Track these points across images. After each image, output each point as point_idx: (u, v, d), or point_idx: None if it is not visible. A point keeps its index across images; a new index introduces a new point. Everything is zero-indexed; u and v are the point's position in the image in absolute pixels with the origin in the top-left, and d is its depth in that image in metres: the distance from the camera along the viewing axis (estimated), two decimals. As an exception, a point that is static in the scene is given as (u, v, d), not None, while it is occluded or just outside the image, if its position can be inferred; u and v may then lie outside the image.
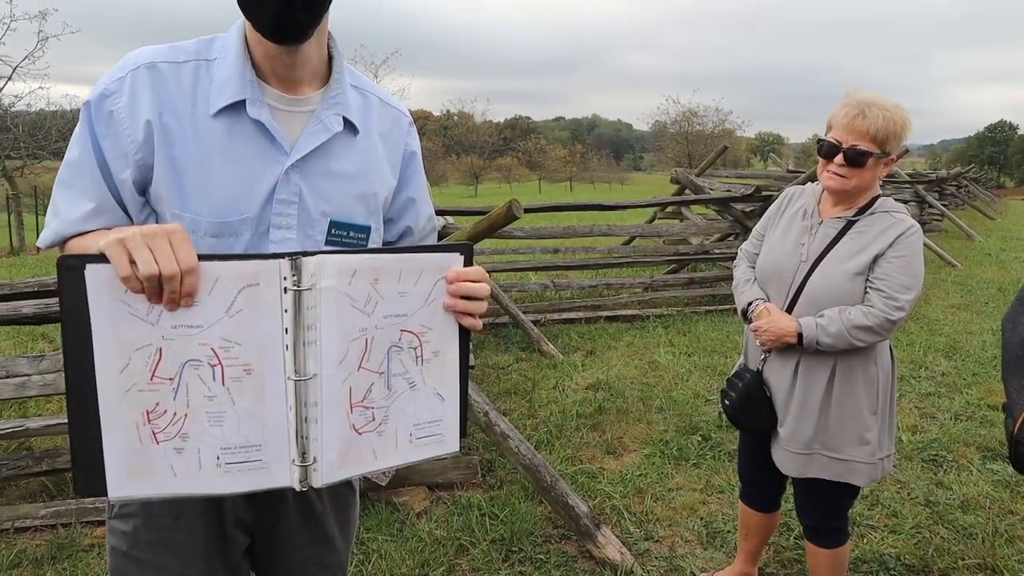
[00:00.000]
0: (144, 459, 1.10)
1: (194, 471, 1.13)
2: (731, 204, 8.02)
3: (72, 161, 1.28)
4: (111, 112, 1.25)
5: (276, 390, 1.15)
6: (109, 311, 1.05)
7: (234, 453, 1.15)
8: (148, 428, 1.10)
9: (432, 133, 76.14)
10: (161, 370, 1.09)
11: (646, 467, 3.93)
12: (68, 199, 1.27)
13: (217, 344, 1.11)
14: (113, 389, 1.07)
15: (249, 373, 1.13)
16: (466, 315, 1.28)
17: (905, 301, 2.15)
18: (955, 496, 3.61)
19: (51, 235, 1.29)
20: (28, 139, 20.97)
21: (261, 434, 1.15)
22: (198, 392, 1.12)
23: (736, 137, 54.17)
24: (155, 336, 1.08)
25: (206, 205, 1.26)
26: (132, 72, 1.27)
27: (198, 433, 1.13)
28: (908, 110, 2.19)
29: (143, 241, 1.04)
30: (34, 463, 3.43)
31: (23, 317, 3.23)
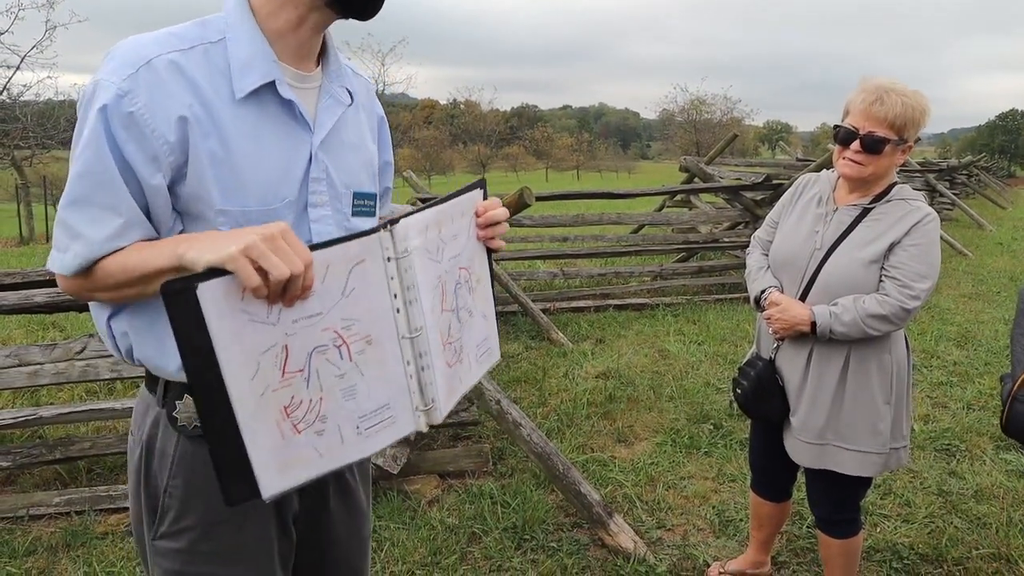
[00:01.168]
0: (290, 452, 1.11)
1: (337, 446, 1.18)
2: (741, 192, 7.97)
3: (88, 173, 1.14)
4: (130, 113, 1.14)
5: (394, 351, 1.22)
6: (230, 325, 1.02)
7: (370, 418, 1.21)
8: (288, 422, 1.11)
9: (439, 122, 75.96)
10: (290, 365, 1.10)
11: (657, 455, 3.93)
12: (89, 217, 1.15)
13: (339, 326, 1.15)
14: (248, 399, 1.05)
15: (370, 343, 1.19)
16: (492, 239, 1.41)
17: (921, 290, 2.12)
18: (968, 486, 3.59)
19: (76, 260, 1.16)
20: (37, 128, 21.01)
21: (387, 393, 1.23)
22: (329, 374, 1.15)
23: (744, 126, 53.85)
24: (278, 335, 1.08)
25: (251, 195, 1.23)
26: (144, 67, 1.16)
27: (335, 411, 1.17)
28: (927, 96, 2.15)
29: (265, 246, 1.00)
30: (47, 451, 3.45)
31: (35, 306, 3.23)
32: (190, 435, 1.29)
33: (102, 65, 1.18)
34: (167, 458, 1.31)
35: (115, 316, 1.29)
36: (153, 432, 1.32)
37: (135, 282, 1.16)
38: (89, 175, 1.15)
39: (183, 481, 1.31)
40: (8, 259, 13.00)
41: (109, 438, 3.57)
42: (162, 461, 1.32)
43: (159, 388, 1.31)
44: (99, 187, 1.15)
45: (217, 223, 1.21)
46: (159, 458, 1.32)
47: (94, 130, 1.14)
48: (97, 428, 4.11)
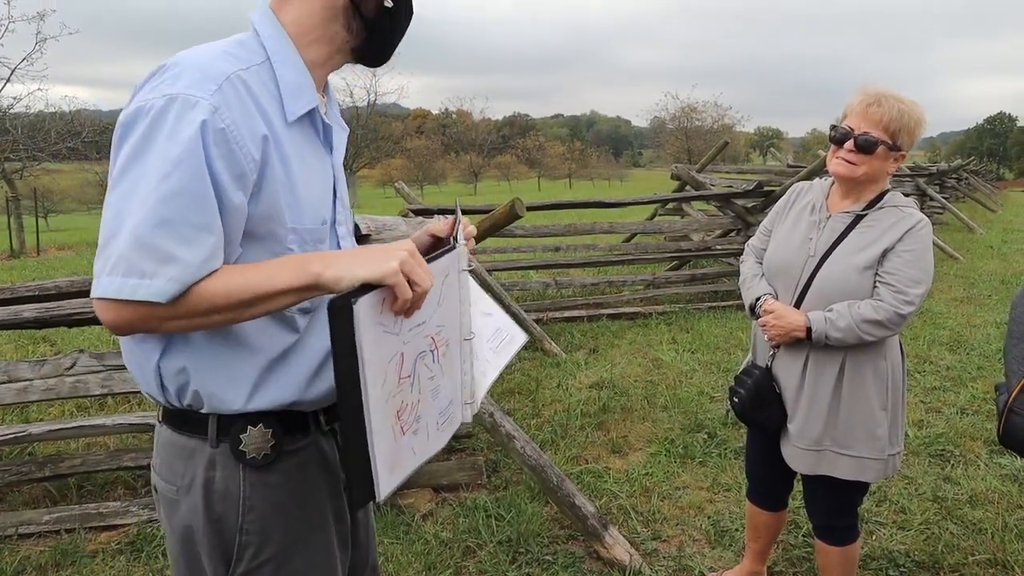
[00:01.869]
0: (397, 453, 1.18)
1: (425, 443, 1.27)
2: (732, 200, 8.00)
3: (183, 192, 1.08)
4: (222, 129, 1.12)
5: (457, 353, 1.35)
6: (373, 336, 1.08)
7: (444, 414, 1.32)
8: (399, 426, 1.19)
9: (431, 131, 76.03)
10: (403, 371, 1.18)
11: (652, 466, 3.91)
12: (183, 238, 1.09)
13: (434, 332, 1.26)
14: (379, 404, 1.12)
15: (448, 346, 1.31)
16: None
17: (915, 295, 2.13)
18: (963, 491, 3.59)
19: (173, 285, 1.08)
20: (27, 141, 20.92)
21: (453, 390, 1.35)
22: (425, 377, 1.24)
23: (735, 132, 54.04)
24: (399, 344, 1.16)
25: (306, 214, 1.27)
26: (226, 82, 1.15)
27: (427, 411, 1.26)
28: (924, 109, 2.17)
29: (415, 262, 1.11)
30: (37, 469, 3.42)
31: (24, 321, 3.20)
32: (259, 465, 1.28)
33: (165, 78, 1.14)
34: (233, 497, 1.28)
35: (168, 354, 1.24)
36: (209, 475, 1.28)
37: (239, 305, 1.13)
38: (185, 194, 1.09)
39: (259, 514, 1.30)
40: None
41: (99, 454, 3.54)
42: (227, 502, 1.28)
43: (211, 427, 1.27)
44: (194, 206, 1.10)
45: (287, 242, 1.23)
46: (222, 500, 1.28)
47: (190, 146, 1.09)
48: (88, 444, 4.07)
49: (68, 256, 17.26)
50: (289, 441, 1.32)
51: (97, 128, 23.61)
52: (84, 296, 3.27)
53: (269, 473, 1.30)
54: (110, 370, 3.49)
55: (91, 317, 3.17)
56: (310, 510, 1.36)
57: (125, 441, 4.09)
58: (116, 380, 3.44)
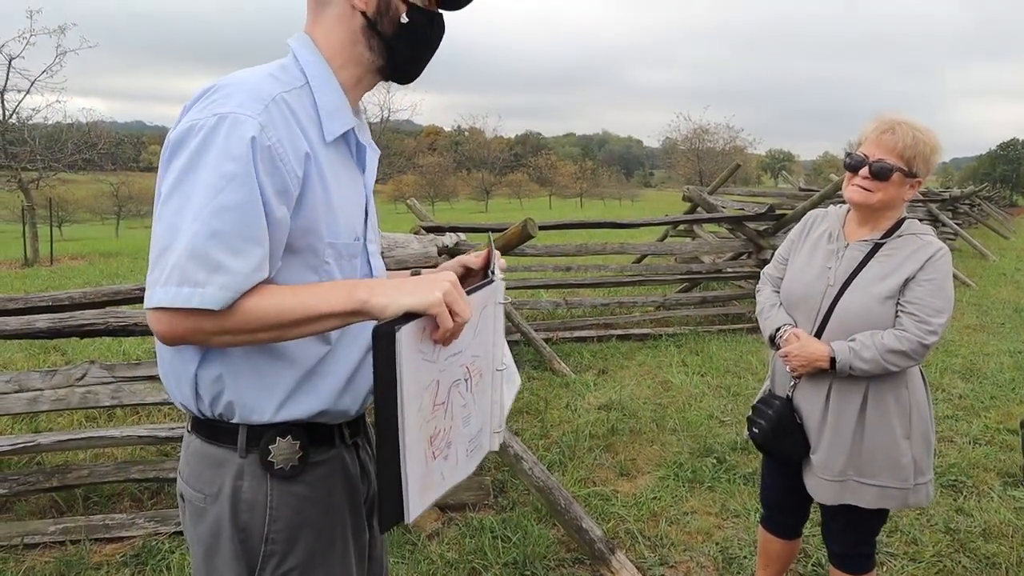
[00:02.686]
0: (428, 477, 1.21)
1: (453, 468, 1.29)
2: (744, 223, 7.98)
3: (234, 205, 1.14)
4: (269, 147, 1.18)
5: (489, 382, 1.38)
6: (412, 363, 1.12)
7: (473, 441, 1.35)
8: (431, 450, 1.22)
9: (443, 148, 76.48)
10: (438, 398, 1.22)
11: (660, 490, 3.88)
12: (233, 249, 1.13)
13: (469, 361, 1.29)
14: (415, 429, 1.15)
15: (481, 376, 1.34)
16: None
17: (938, 325, 2.13)
18: (976, 523, 3.54)
19: (225, 293, 1.13)
20: (44, 152, 21.15)
21: (482, 419, 1.38)
22: (458, 404, 1.28)
23: (747, 154, 54.08)
24: (436, 372, 1.19)
25: (343, 231, 1.32)
26: (272, 103, 1.21)
27: (457, 437, 1.29)
28: (938, 136, 2.17)
29: (457, 293, 1.15)
30: (44, 479, 3.42)
31: (37, 331, 3.22)
32: (287, 476, 1.32)
33: (216, 99, 1.19)
34: (260, 506, 1.31)
35: (206, 363, 1.28)
36: (237, 484, 1.31)
37: (287, 324, 1.18)
38: (236, 207, 1.14)
39: (285, 524, 1.32)
40: (12, 281, 13.02)
41: (107, 466, 3.54)
42: (254, 511, 1.31)
43: (241, 437, 1.30)
44: (244, 219, 1.15)
45: (325, 256, 1.29)
46: (249, 509, 1.31)
47: (242, 162, 1.15)
48: (95, 455, 4.08)
49: (81, 265, 17.38)
50: (315, 452, 1.35)
51: (112, 140, 23.88)
52: (96, 307, 3.29)
53: (295, 484, 1.33)
54: (120, 381, 3.51)
55: (102, 328, 3.18)
56: (333, 522, 1.38)
57: (133, 453, 4.09)
58: (126, 392, 3.45)
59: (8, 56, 20.12)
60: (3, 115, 20.83)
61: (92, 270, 15.14)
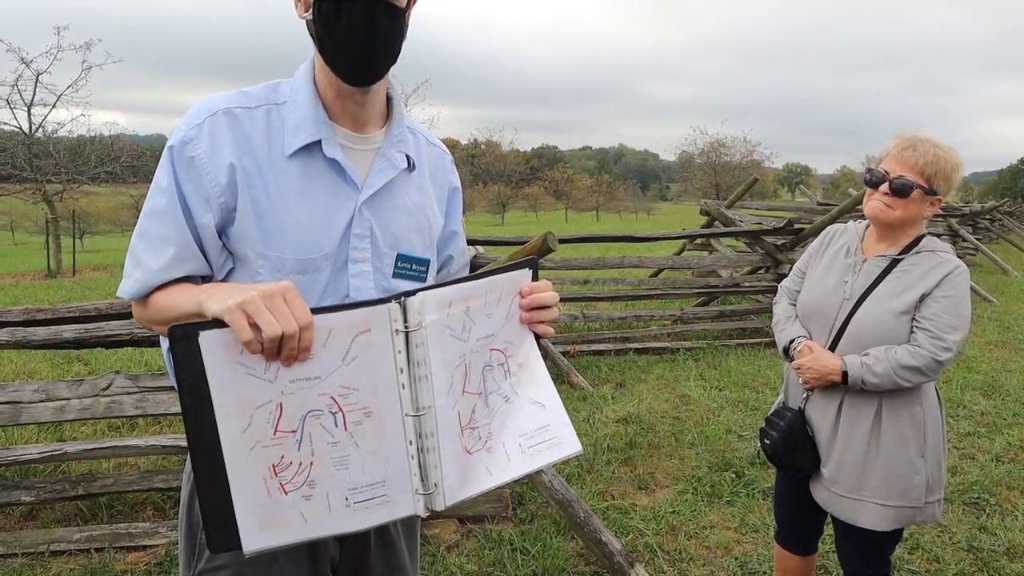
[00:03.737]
0: (274, 511, 1.12)
1: (324, 514, 1.16)
2: (762, 237, 7.97)
3: (154, 209, 1.29)
4: (192, 158, 1.27)
5: (395, 427, 1.19)
6: (227, 374, 1.06)
7: (361, 492, 1.18)
8: (276, 481, 1.12)
9: (460, 162, 76.55)
10: (283, 424, 1.12)
11: (679, 504, 3.87)
12: (150, 248, 1.28)
13: (336, 392, 1.14)
14: (238, 449, 1.08)
15: (369, 415, 1.17)
16: (540, 323, 1.35)
17: (953, 342, 2.11)
18: (1000, 542, 3.50)
19: (136, 286, 1.29)
20: (69, 164, 21.50)
21: (384, 470, 1.19)
22: (321, 440, 1.15)
23: (764, 168, 53.91)
24: (274, 392, 1.10)
25: (289, 243, 1.30)
26: (210, 118, 1.29)
27: (325, 479, 1.15)
28: (961, 155, 2.17)
29: (262, 303, 1.05)
30: (70, 487, 3.46)
31: (63, 341, 3.29)
32: None
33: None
34: None
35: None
36: None
37: (169, 321, 1.21)
38: (157, 211, 1.28)
39: None
40: (36, 292, 13.21)
41: (131, 475, 3.58)
42: None
43: None
44: (160, 220, 1.28)
45: (257, 265, 1.30)
46: None
47: (163, 171, 1.29)
48: (119, 464, 4.13)
49: (102, 277, 17.60)
50: None
51: (135, 153, 24.21)
52: (122, 318, 3.34)
53: None
54: (144, 391, 3.55)
55: (127, 339, 3.24)
56: None
57: (156, 463, 4.14)
58: (150, 401, 3.50)
59: (36, 71, 20.53)
60: (30, 129, 21.21)
61: (113, 281, 15.33)
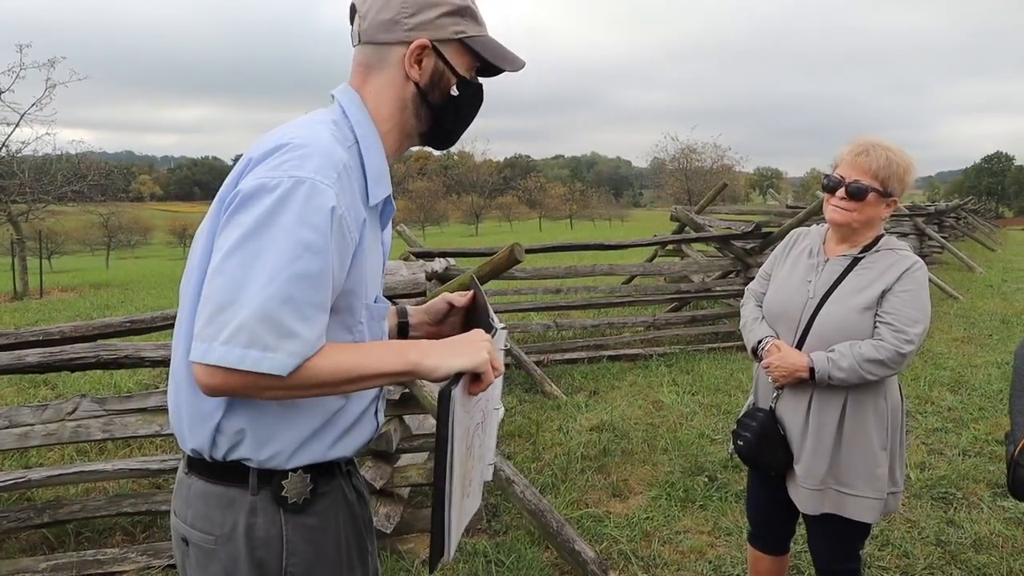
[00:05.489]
0: (460, 516, 1.31)
1: (472, 502, 1.41)
2: (731, 241, 8.05)
3: (309, 274, 1.15)
4: (341, 216, 1.20)
5: (492, 420, 1.49)
6: (461, 415, 1.23)
7: (483, 475, 1.48)
8: (464, 491, 1.31)
9: (432, 172, 76.79)
10: (470, 441, 1.32)
11: (652, 510, 3.89)
12: (303, 316, 1.15)
13: (484, 404, 1.39)
14: (458, 475, 1.25)
15: (487, 415, 1.44)
16: None
17: (914, 334, 2.17)
18: (967, 535, 3.56)
19: (294, 360, 1.14)
20: (34, 184, 21.14)
21: (488, 454, 1.49)
22: (477, 445, 1.38)
23: (735, 173, 54.49)
24: (470, 420, 1.30)
25: (372, 292, 1.37)
26: (343, 171, 1.22)
27: (476, 474, 1.41)
28: (914, 158, 2.26)
29: (495, 351, 1.27)
30: (35, 515, 3.39)
31: (27, 366, 3.23)
32: (298, 509, 1.33)
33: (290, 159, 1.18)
34: (274, 541, 1.31)
35: (232, 414, 1.27)
36: (250, 522, 1.30)
37: (342, 383, 1.22)
38: (310, 276, 1.15)
39: (301, 557, 1.33)
40: (2, 314, 12.96)
41: (99, 500, 3.52)
42: (269, 547, 1.31)
43: (252, 476, 1.31)
44: (317, 286, 1.16)
45: (360, 315, 1.33)
46: (264, 545, 1.31)
47: (321, 232, 1.16)
48: (87, 490, 4.06)
49: (71, 298, 17.32)
50: (321, 484, 1.37)
51: (102, 171, 23.87)
52: (87, 341, 3.29)
53: (306, 516, 1.34)
54: (111, 415, 3.50)
55: (93, 362, 3.19)
56: (344, 550, 1.40)
57: (124, 487, 4.08)
58: (117, 424, 3.45)
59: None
60: (-8, 149, 20.84)
61: (82, 302, 15.09)
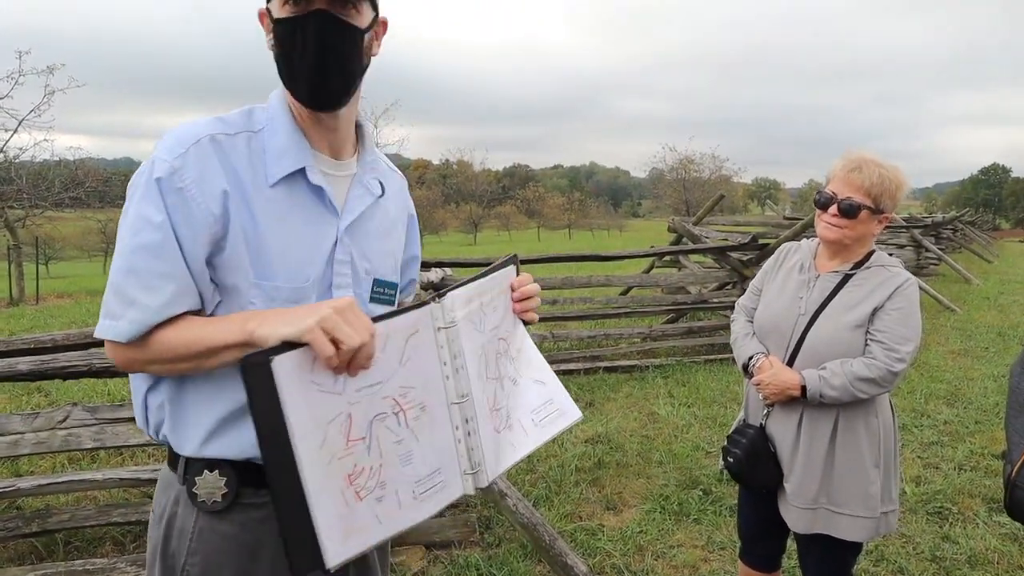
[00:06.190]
0: (353, 519, 1.16)
1: (395, 511, 1.23)
2: (728, 253, 8.05)
3: (146, 245, 1.21)
4: (180, 188, 1.23)
5: (443, 417, 1.31)
6: (301, 395, 1.09)
7: (425, 482, 1.28)
8: (352, 490, 1.17)
9: (431, 182, 76.90)
10: (353, 433, 1.17)
11: (646, 523, 3.87)
12: (145, 285, 1.21)
13: (397, 393, 1.24)
14: (317, 466, 1.11)
15: (424, 410, 1.28)
16: (528, 312, 1.51)
17: (905, 353, 2.16)
18: (962, 551, 3.54)
19: (132, 326, 1.21)
20: (31, 190, 21.11)
21: (439, 458, 1.30)
22: (388, 440, 1.22)
23: (733, 183, 54.64)
24: (343, 404, 1.15)
25: (279, 272, 1.30)
26: (194, 146, 1.25)
27: (394, 477, 1.23)
28: (906, 172, 2.25)
29: (339, 318, 1.11)
30: (24, 524, 3.37)
31: (19, 374, 3.20)
32: (209, 511, 1.32)
33: (157, 145, 1.28)
34: (185, 535, 1.33)
35: (154, 390, 1.33)
36: (173, 510, 1.35)
37: (195, 356, 1.22)
38: (148, 247, 1.22)
39: (202, 558, 1.32)
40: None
41: (88, 510, 3.50)
42: (180, 539, 1.33)
43: (180, 465, 1.33)
44: (154, 256, 1.22)
45: (250, 296, 1.28)
46: (178, 536, 1.34)
47: (149, 202, 1.23)
48: (77, 499, 4.03)
49: (67, 304, 17.27)
50: (250, 494, 1.32)
51: (100, 178, 23.84)
52: (79, 349, 3.27)
53: (222, 521, 1.32)
54: (103, 423, 3.48)
55: (85, 370, 3.17)
56: (262, 569, 1.34)
57: (115, 496, 4.05)
58: (108, 433, 3.42)
59: (-4, 96, 20.17)
60: (-10, 154, 20.82)
61: (78, 309, 15.04)
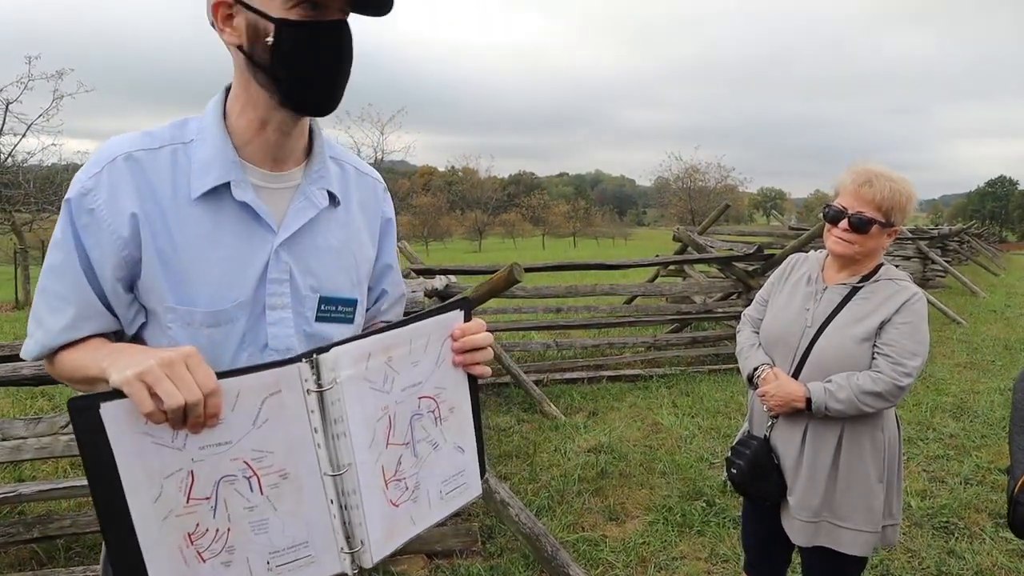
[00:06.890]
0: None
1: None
2: (733, 263, 8.03)
3: (54, 266, 1.22)
4: (92, 210, 1.20)
5: (314, 488, 1.15)
6: (132, 445, 1.02)
7: (283, 555, 1.16)
8: (192, 549, 1.09)
9: (437, 188, 77.06)
10: (196, 491, 1.08)
11: (649, 534, 3.85)
12: (50, 307, 1.22)
13: (249, 456, 1.11)
14: (150, 520, 1.04)
15: (285, 478, 1.14)
16: (475, 365, 1.32)
17: (912, 367, 2.14)
18: (968, 566, 3.51)
19: (36, 347, 1.24)
20: (39, 194, 21.20)
21: (306, 532, 1.16)
22: (237, 505, 1.11)
23: (739, 193, 54.63)
24: (184, 460, 1.06)
25: (199, 294, 1.23)
26: (108, 165, 1.21)
27: (244, 544, 1.13)
28: (915, 185, 2.23)
29: (162, 372, 0.99)
30: (25, 530, 3.36)
31: (22, 378, 3.20)
32: None
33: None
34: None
35: None
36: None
37: (83, 382, 1.21)
38: (55, 268, 1.22)
39: None
40: (2, 324, 12.96)
41: (90, 515, 3.49)
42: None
43: None
44: (59, 278, 1.22)
45: (166, 320, 1.23)
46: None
47: (62, 225, 1.22)
48: (79, 504, 4.03)
49: (73, 308, 17.30)
50: None
51: (108, 182, 23.88)
52: (82, 355, 3.28)
53: None
54: (105, 429, 3.47)
55: (88, 376, 3.17)
56: None
57: (117, 501, 4.04)
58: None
59: (5, 100, 20.32)
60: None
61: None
